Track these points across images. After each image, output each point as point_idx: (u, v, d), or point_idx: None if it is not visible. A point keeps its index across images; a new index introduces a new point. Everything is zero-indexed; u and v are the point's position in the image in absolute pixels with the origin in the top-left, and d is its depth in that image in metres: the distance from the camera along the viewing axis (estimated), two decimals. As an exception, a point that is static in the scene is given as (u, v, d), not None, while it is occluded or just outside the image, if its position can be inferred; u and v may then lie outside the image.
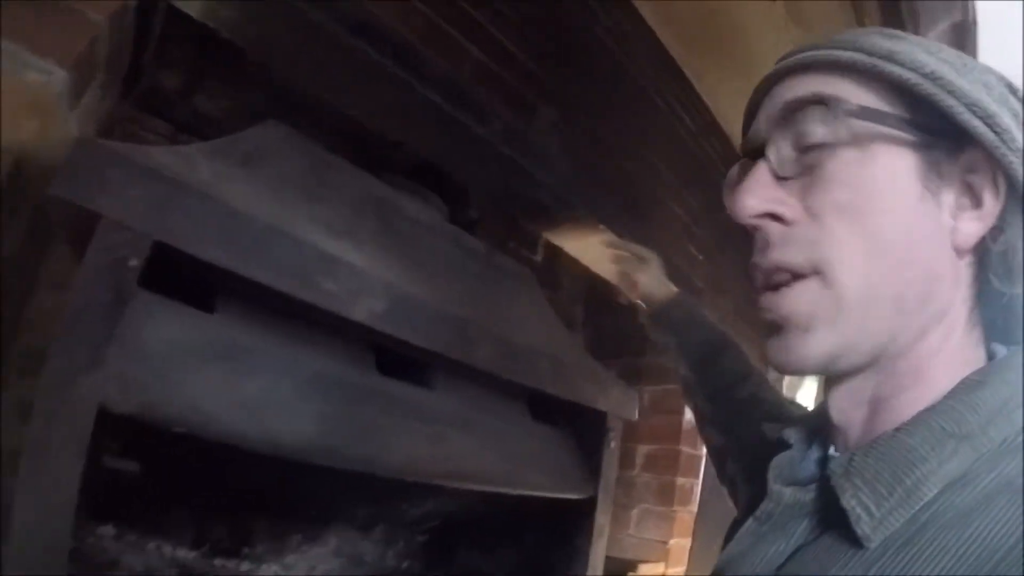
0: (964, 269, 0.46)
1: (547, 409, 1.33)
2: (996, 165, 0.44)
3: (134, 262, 0.70)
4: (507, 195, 1.46)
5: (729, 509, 1.91)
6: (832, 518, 0.44)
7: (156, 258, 0.72)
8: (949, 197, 0.45)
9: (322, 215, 0.96)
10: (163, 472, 1.16)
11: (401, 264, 1.02)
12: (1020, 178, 0.43)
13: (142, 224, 0.69)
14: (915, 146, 0.44)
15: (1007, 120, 0.43)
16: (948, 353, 0.46)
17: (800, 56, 0.49)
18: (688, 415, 2.01)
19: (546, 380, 1.17)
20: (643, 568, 1.90)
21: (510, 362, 1.09)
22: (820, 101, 0.46)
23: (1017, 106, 0.45)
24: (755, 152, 0.51)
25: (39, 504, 0.63)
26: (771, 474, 0.53)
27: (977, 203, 0.45)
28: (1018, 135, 0.43)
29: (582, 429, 1.36)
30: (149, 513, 1.24)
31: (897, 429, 0.44)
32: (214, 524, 1.34)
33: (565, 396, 1.23)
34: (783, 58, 0.52)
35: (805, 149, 0.47)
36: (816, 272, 0.45)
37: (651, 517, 2.03)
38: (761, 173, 0.48)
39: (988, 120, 0.42)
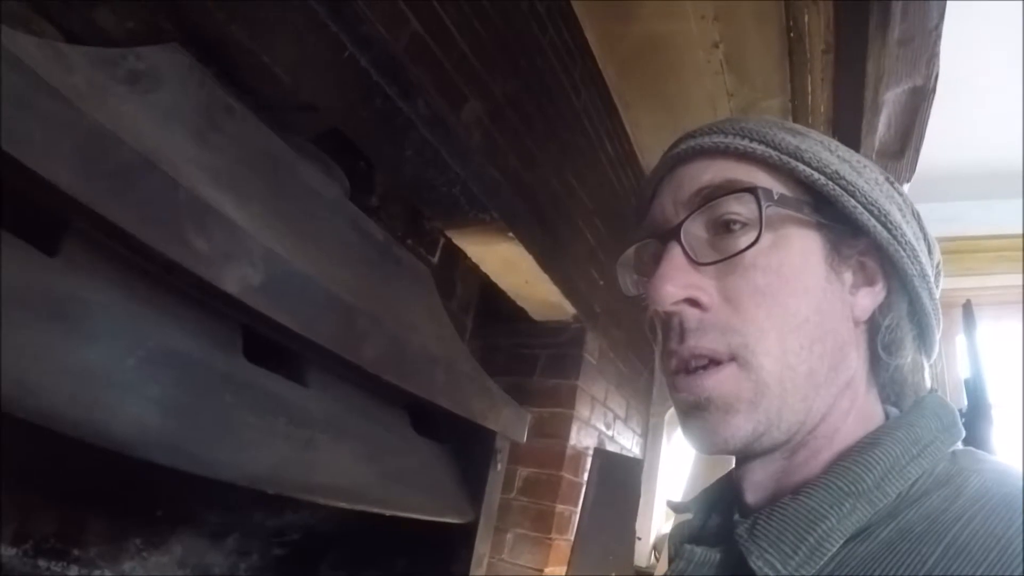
0: (860, 337, 0.50)
1: (430, 422, 1.20)
2: (885, 252, 0.49)
3: None
4: (417, 183, 1.32)
5: (606, 541, 1.84)
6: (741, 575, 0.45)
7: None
8: (847, 275, 0.49)
9: (207, 161, 0.80)
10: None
11: (290, 234, 0.87)
12: (907, 269, 0.49)
13: None
14: (820, 229, 0.48)
15: (896, 216, 0.48)
16: (854, 415, 0.49)
17: (707, 140, 0.51)
18: (572, 441, 1.93)
19: (438, 391, 1.04)
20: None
21: (401, 365, 0.95)
22: (746, 189, 0.48)
23: (899, 199, 0.51)
24: (660, 234, 0.51)
25: None
26: (673, 540, 0.56)
27: (870, 282, 0.50)
28: (906, 229, 0.48)
29: (467, 447, 1.24)
30: None
31: (796, 492, 0.46)
32: (39, 519, 1.13)
33: (456, 410, 1.11)
34: (681, 140, 0.53)
35: (719, 234, 0.49)
36: (733, 358, 0.47)
37: (526, 543, 1.92)
38: (677, 258, 0.49)
39: (881, 219, 0.47)
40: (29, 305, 0.62)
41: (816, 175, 0.48)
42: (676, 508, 0.59)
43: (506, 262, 1.67)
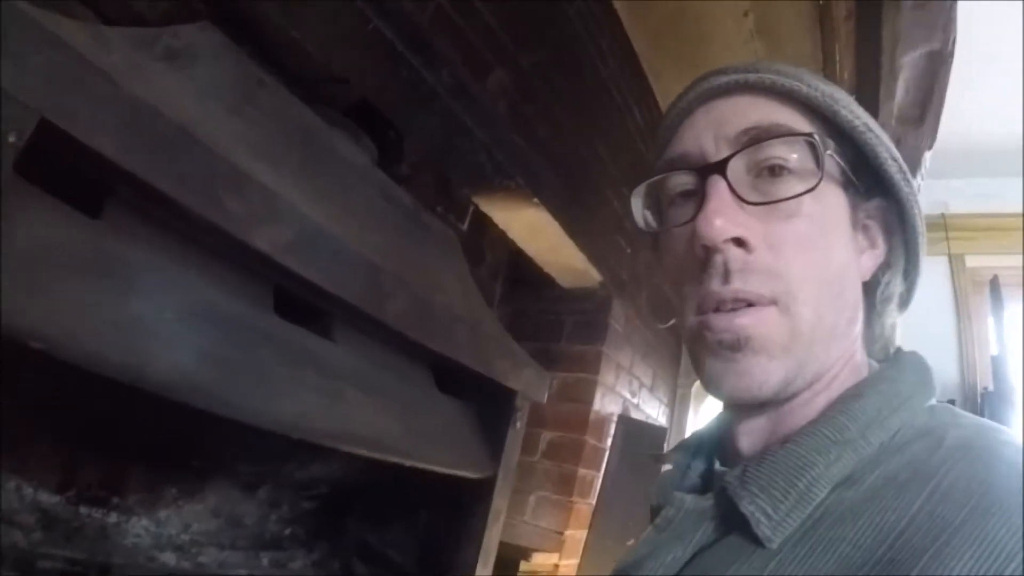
0: (860, 294, 0.52)
1: (453, 380, 1.25)
2: (886, 212, 0.52)
3: (13, 139, 0.59)
4: (444, 151, 1.36)
5: (628, 506, 1.89)
6: (731, 524, 0.47)
7: (42, 148, 0.60)
8: (859, 236, 0.51)
9: (241, 131, 0.85)
10: (25, 401, 1.03)
11: (320, 199, 0.92)
12: (918, 226, 0.51)
13: (31, 98, 0.57)
14: (847, 187, 0.50)
15: (912, 182, 0.50)
16: (849, 367, 0.51)
17: (750, 76, 0.50)
18: (596, 406, 1.98)
19: (461, 349, 1.09)
20: (537, 557, 1.84)
21: (424, 324, 1.00)
22: (803, 134, 0.48)
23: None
24: (699, 168, 0.50)
25: None
26: (658, 488, 0.57)
27: (873, 244, 0.52)
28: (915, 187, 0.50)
29: (488, 406, 1.29)
30: (10, 449, 1.10)
31: (784, 441, 0.48)
32: (83, 468, 1.21)
33: (478, 368, 1.16)
34: (714, 74, 0.52)
35: (762, 176, 0.48)
36: (774, 302, 0.47)
37: (548, 505, 1.98)
38: (725, 195, 0.48)
39: (906, 174, 0.49)
40: (76, 263, 0.68)
41: (857, 121, 0.48)
42: (659, 458, 0.63)
43: (532, 228, 1.71)
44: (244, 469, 1.39)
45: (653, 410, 2.51)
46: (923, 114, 1.37)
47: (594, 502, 2.03)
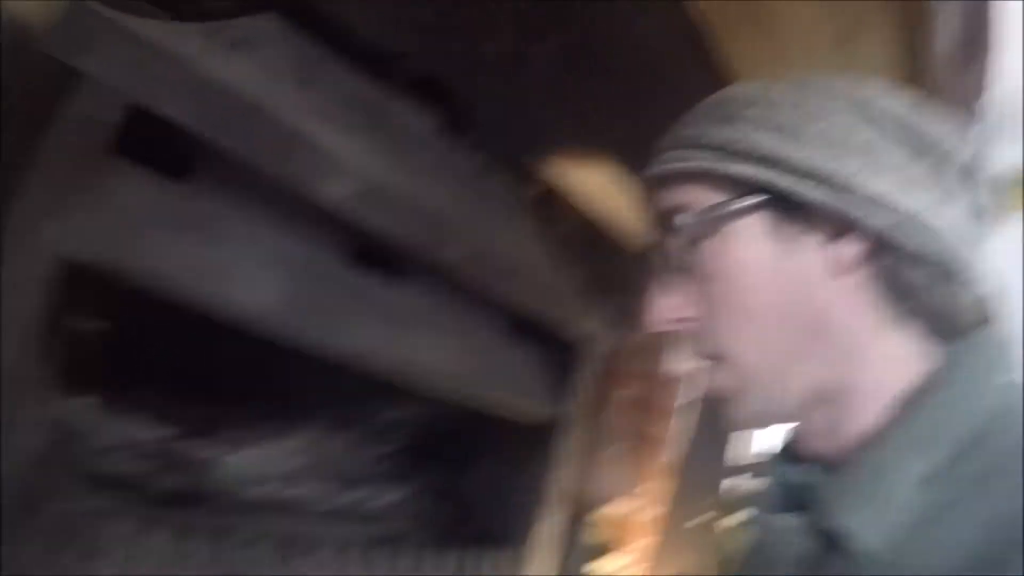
0: (855, 285, 0.48)
1: (523, 328, 1.31)
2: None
3: (109, 119, 0.69)
4: (508, 118, 1.41)
5: (704, 464, 1.91)
6: (824, 540, 0.47)
7: (135, 127, 0.71)
8: (813, 235, 0.48)
9: (307, 103, 0.93)
10: (131, 344, 1.15)
11: (384, 159, 0.99)
12: (872, 223, 0.46)
13: (122, 84, 0.69)
14: (761, 207, 0.48)
15: (844, 169, 0.45)
16: (890, 361, 0.49)
17: (656, 169, 0.54)
18: (671, 365, 2.00)
19: (524, 293, 1.15)
20: (607, 507, 1.90)
21: (486, 267, 1.06)
22: (673, 212, 0.52)
23: (869, 129, 0.47)
24: (657, 228, 0.56)
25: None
26: (759, 506, 0.58)
27: (845, 231, 0.47)
28: (865, 177, 0.45)
29: (555, 353, 1.35)
30: (122, 392, 1.23)
31: (863, 446, 0.47)
32: (183, 407, 1.34)
33: (541, 313, 1.21)
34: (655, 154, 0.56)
35: (682, 250, 0.52)
36: (718, 358, 0.51)
37: (622, 459, 2.03)
38: (658, 283, 0.54)
39: (826, 181, 0.45)
40: (166, 217, 0.78)
41: (743, 168, 0.47)
42: (763, 469, 0.62)
43: (598, 190, 1.74)
44: (326, 413, 1.50)
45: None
46: (968, 59, 1.30)
47: (668, 459, 2.06)
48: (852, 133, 0.46)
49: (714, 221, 0.50)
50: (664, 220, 0.53)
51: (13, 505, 0.68)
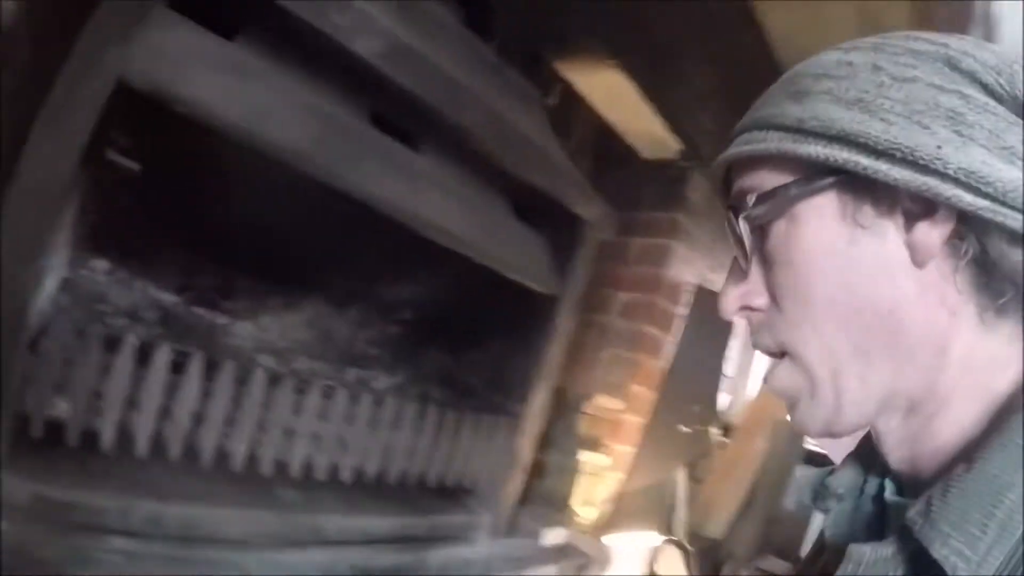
0: (937, 277, 0.45)
1: (529, 210, 1.43)
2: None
3: None
4: (528, 14, 1.51)
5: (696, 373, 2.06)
6: (922, 566, 0.42)
7: None
8: (893, 218, 0.45)
9: None
10: (154, 208, 1.27)
11: (410, 31, 1.09)
12: (961, 202, 0.41)
13: None
14: (837, 187, 0.46)
15: (930, 141, 0.41)
16: (984, 362, 0.45)
17: (729, 153, 0.52)
18: (669, 270, 2.13)
19: (532, 169, 1.27)
20: (599, 400, 2.06)
21: (499, 137, 1.18)
22: (745, 196, 0.50)
23: (953, 96, 0.43)
24: (730, 212, 0.53)
25: (49, 154, 0.76)
26: (831, 531, 0.54)
27: (930, 210, 0.43)
28: (949, 150, 0.41)
29: (559, 234, 1.48)
30: (140, 253, 1.35)
31: (970, 460, 0.42)
32: (199, 273, 1.46)
33: (548, 191, 1.34)
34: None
35: (753, 235, 0.50)
36: (784, 353, 0.49)
37: (620, 362, 2.19)
38: (734, 268, 0.53)
39: (909, 158, 0.42)
40: (212, 62, 0.91)
41: (815, 149, 0.45)
42: (819, 488, 0.57)
43: (610, 92, 1.87)
44: (338, 285, 1.62)
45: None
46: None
47: (662, 363, 2.21)
48: (938, 98, 0.43)
49: (783, 203, 0.47)
50: (737, 204, 0.51)
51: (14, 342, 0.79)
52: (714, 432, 2.47)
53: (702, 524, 2.35)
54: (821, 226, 0.46)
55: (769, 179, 0.48)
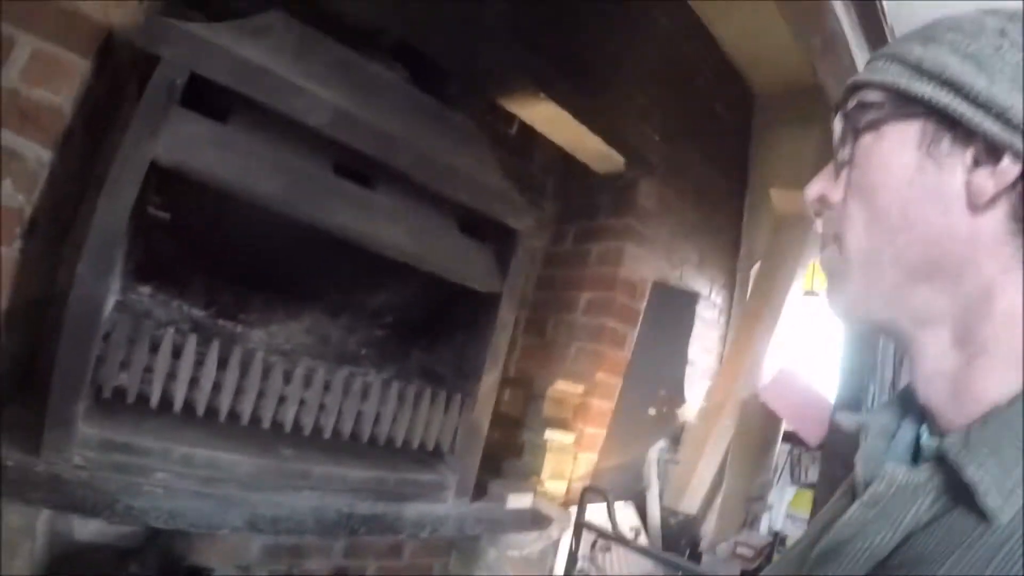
0: (998, 233, 0.50)
1: (473, 227, 1.89)
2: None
3: (179, 81, 1.31)
4: (469, 66, 2.00)
5: (659, 361, 2.53)
6: (952, 498, 0.47)
7: (193, 91, 1.34)
8: (965, 157, 0.50)
9: (300, 67, 1.54)
10: (186, 235, 1.75)
11: (354, 100, 1.59)
12: (982, 126, 0.49)
13: (184, 62, 1.32)
14: (924, 117, 0.53)
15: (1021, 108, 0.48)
16: (1017, 322, 0.49)
17: (855, 78, 0.61)
18: (624, 269, 2.56)
19: (460, 191, 1.73)
20: (560, 384, 2.50)
21: (427, 171, 1.65)
22: (839, 106, 0.61)
23: None
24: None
25: (110, 209, 1.24)
26: (863, 459, 0.59)
27: (995, 157, 0.49)
28: None
29: (500, 245, 1.93)
30: (174, 280, 1.84)
31: (1013, 398, 0.47)
32: (220, 293, 1.95)
33: (482, 209, 1.79)
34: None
35: (846, 141, 0.60)
36: (835, 240, 0.59)
37: (585, 354, 2.62)
38: (829, 166, 0.62)
39: (1001, 116, 0.48)
40: (212, 142, 1.40)
41: (924, 90, 0.52)
42: (860, 423, 0.62)
43: (549, 120, 2.33)
44: (330, 298, 2.10)
45: (702, 287, 3.04)
46: None
47: (627, 354, 2.63)
48: None
49: (876, 116, 0.56)
50: (846, 114, 0.60)
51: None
52: (681, 413, 2.88)
53: (677, 501, 2.74)
54: (900, 147, 0.54)
55: (872, 97, 0.57)
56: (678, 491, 2.78)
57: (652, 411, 2.78)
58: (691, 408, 2.91)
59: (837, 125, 0.61)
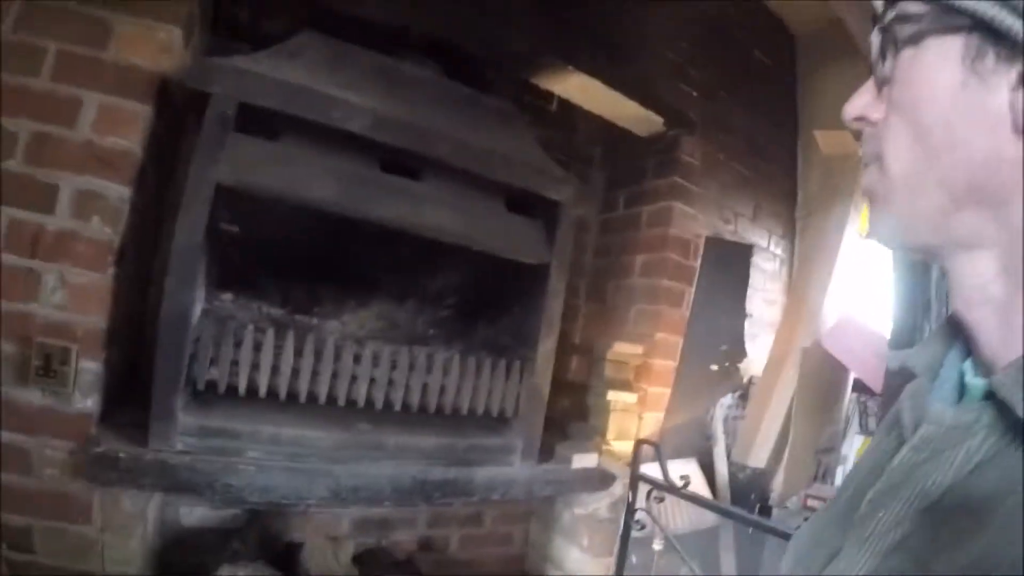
0: (1005, 146, 0.48)
1: (522, 205, 2.05)
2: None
3: (230, 112, 1.52)
4: (499, 53, 2.16)
5: (717, 316, 2.65)
6: (1002, 435, 0.46)
7: (244, 114, 1.56)
8: (1010, 75, 0.47)
9: (337, 79, 1.74)
10: (257, 243, 1.95)
11: (390, 101, 1.79)
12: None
13: (232, 94, 1.55)
14: (967, 31, 0.49)
15: None
16: None
17: None
18: (674, 228, 2.67)
19: (499, 171, 1.89)
20: (618, 346, 2.64)
21: (466, 156, 1.82)
22: (878, 17, 0.57)
23: None
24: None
25: (186, 230, 1.46)
26: (910, 402, 0.58)
27: None
28: None
29: (546, 217, 2.09)
30: (252, 285, 2.06)
31: None
32: (294, 292, 2.17)
33: (525, 186, 1.95)
34: None
35: (887, 55, 0.57)
36: (876, 160, 0.56)
37: (644, 315, 2.75)
38: (867, 83, 0.59)
39: None
40: (267, 159, 1.62)
41: (968, 3, 0.49)
42: (904, 361, 0.62)
43: (584, 91, 2.47)
44: (395, 285, 2.29)
45: (759, 238, 3.11)
46: None
47: (686, 312, 2.74)
48: None
49: (917, 29, 0.53)
50: (884, 29, 0.57)
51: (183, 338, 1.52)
52: (745, 367, 2.97)
53: (744, 455, 2.86)
54: (943, 62, 0.51)
55: (913, 8, 0.53)
56: (745, 446, 2.88)
57: (715, 367, 2.91)
58: (756, 362, 3.00)
59: (875, 39, 0.58)
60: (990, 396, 0.47)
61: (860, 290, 3.09)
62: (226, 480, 1.52)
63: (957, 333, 0.57)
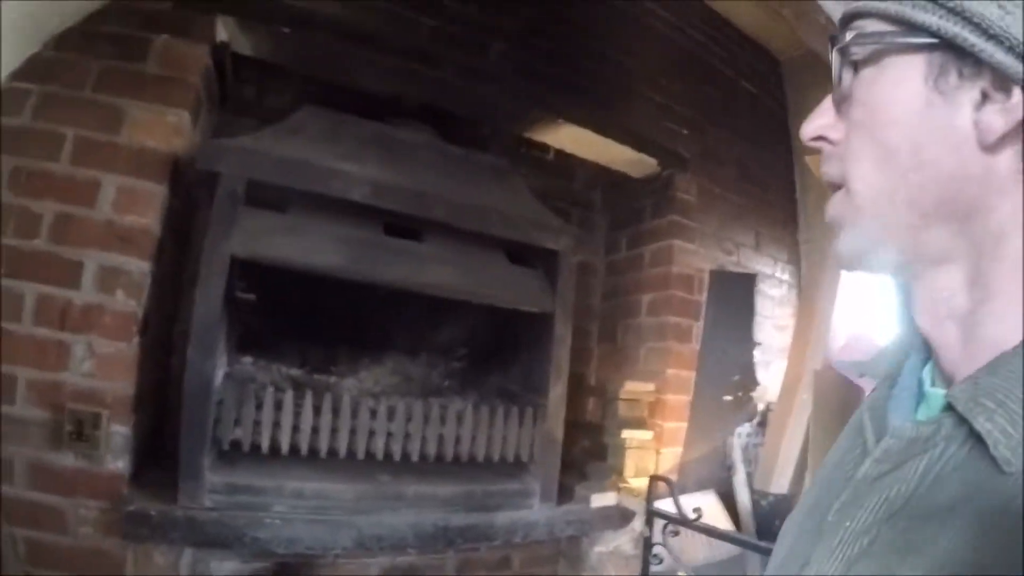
0: (1008, 164, 0.50)
1: (523, 255, 2.21)
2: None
3: (239, 189, 1.69)
4: (489, 113, 2.40)
5: (726, 347, 2.77)
6: (962, 449, 0.49)
7: (252, 189, 1.74)
8: (973, 92, 0.49)
9: (337, 150, 1.93)
10: (274, 308, 2.12)
11: (387, 168, 1.97)
12: (994, 57, 0.48)
13: (240, 172, 1.73)
14: (928, 50, 0.51)
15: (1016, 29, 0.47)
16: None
17: (850, 7, 0.59)
18: (676, 266, 2.81)
19: (495, 226, 2.06)
20: (629, 385, 2.76)
21: (462, 215, 1.99)
22: (834, 38, 0.59)
23: None
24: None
25: (205, 301, 1.62)
26: (870, 414, 0.61)
27: (1007, 93, 0.49)
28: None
29: (547, 266, 2.25)
30: (270, 347, 2.22)
31: (1017, 345, 0.48)
32: (311, 352, 2.33)
33: (522, 238, 2.10)
34: None
35: (845, 75, 0.58)
36: (842, 183, 0.58)
37: (654, 353, 2.88)
38: (825, 102, 0.61)
39: (1015, 47, 0.47)
40: (277, 230, 1.79)
41: (929, 19, 0.50)
42: (864, 371, 0.66)
43: (575, 140, 2.64)
44: (407, 340, 2.44)
45: (764, 266, 3.23)
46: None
47: (693, 345, 2.86)
48: None
49: (877, 48, 0.54)
50: (843, 47, 0.58)
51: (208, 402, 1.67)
52: (759, 395, 3.07)
53: (766, 482, 2.94)
54: (905, 81, 0.52)
55: (872, 27, 0.55)
56: (766, 473, 2.96)
57: (728, 397, 3.01)
58: (770, 389, 3.10)
59: (834, 59, 0.58)
60: (950, 407, 0.50)
61: (868, 308, 3.17)
62: (253, 534, 1.67)
63: (914, 341, 0.60)
